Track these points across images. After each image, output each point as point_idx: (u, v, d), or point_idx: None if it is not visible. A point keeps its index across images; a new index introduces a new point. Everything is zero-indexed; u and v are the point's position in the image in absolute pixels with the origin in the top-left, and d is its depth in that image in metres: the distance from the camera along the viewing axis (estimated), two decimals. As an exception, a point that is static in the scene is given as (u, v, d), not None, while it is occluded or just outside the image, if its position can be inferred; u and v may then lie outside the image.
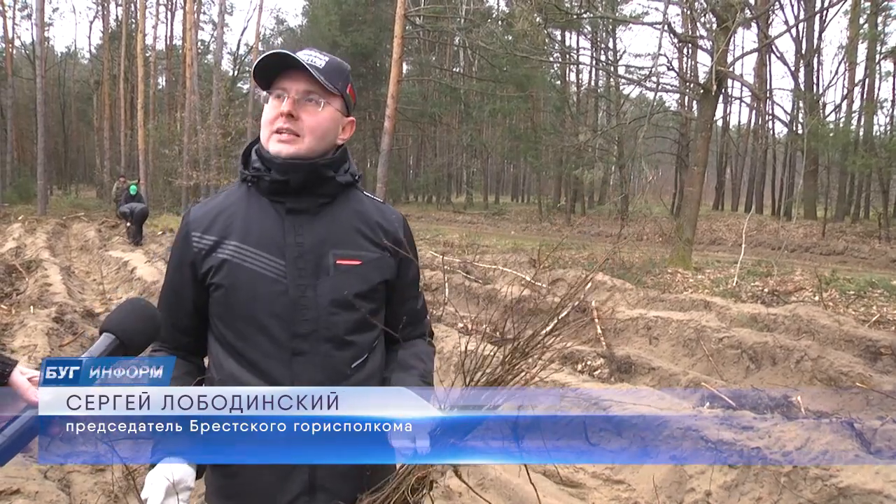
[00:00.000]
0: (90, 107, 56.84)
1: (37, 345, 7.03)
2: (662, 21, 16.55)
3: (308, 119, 1.81)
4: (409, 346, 2.03)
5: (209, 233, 1.86)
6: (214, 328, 1.89)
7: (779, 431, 4.60)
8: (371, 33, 41.93)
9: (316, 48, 1.90)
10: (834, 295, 11.72)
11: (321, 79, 1.78)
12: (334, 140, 1.90)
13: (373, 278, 1.89)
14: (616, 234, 28.54)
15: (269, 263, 1.81)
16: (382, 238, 1.93)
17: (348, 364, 1.86)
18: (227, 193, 1.96)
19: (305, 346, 1.81)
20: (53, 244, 19.28)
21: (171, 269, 1.96)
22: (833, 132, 25.54)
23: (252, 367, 1.81)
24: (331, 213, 1.89)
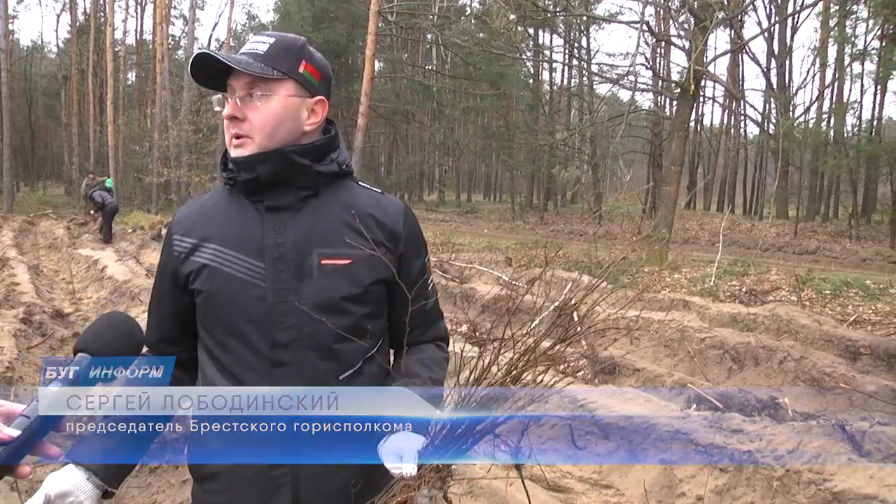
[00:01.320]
0: (58, 102, 55.93)
1: (3, 347, 6.81)
2: (640, 20, 16.54)
3: (252, 116, 1.65)
4: (416, 351, 1.85)
5: (189, 235, 1.74)
6: (200, 335, 1.76)
7: (770, 434, 4.54)
8: (343, 30, 41.63)
9: (266, 32, 1.75)
10: (810, 294, 11.77)
11: (253, 69, 1.62)
12: (297, 128, 1.71)
13: (364, 279, 1.71)
14: (588, 233, 28.61)
15: (247, 266, 1.67)
16: (377, 232, 1.74)
17: (335, 375, 1.68)
18: (211, 194, 1.83)
19: (287, 357, 1.65)
20: (20, 242, 18.90)
21: (157, 273, 1.84)
22: (806, 133, 25.75)
23: (232, 377, 1.67)
24: (315, 207, 1.72)
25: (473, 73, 35.03)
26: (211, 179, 33.88)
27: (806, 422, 4.82)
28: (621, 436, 5.09)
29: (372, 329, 1.75)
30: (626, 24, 21.63)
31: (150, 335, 1.82)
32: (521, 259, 16.99)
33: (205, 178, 33.65)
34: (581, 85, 45.37)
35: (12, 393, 5.02)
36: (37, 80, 62.17)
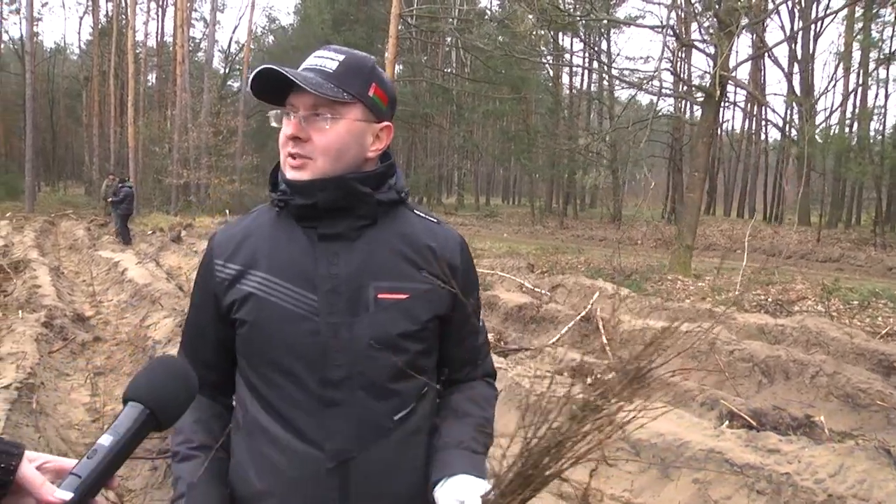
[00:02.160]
0: (79, 103, 56.39)
1: (25, 352, 6.74)
2: (665, 24, 16.36)
3: (317, 138, 1.53)
4: (465, 388, 1.75)
5: (233, 261, 1.61)
6: (241, 367, 1.64)
7: (808, 456, 4.40)
8: (363, 32, 41.62)
9: (334, 47, 1.62)
10: (838, 305, 11.57)
11: (324, 90, 1.50)
12: (361, 154, 1.59)
13: (421, 315, 1.59)
14: (609, 238, 28.46)
15: (298, 298, 1.54)
16: (434, 265, 1.62)
17: (390, 416, 1.57)
18: (255, 216, 1.69)
19: (339, 396, 1.53)
20: (42, 243, 18.96)
21: (194, 299, 1.72)
22: (829, 139, 25.46)
23: (280, 417, 1.55)
24: (371, 237, 1.60)
25: (494, 76, 34.93)
26: (230, 182, 33.98)
27: (846, 443, 4.67)
28: (653, 453, 4.95)
29: (425, 366, 1.64)
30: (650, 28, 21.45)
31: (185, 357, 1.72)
32: (542, 265, 16.86)
33: (224, 180, 33.75)
34: (601, 89, 45.21)
35: (34, 400, 4.95)
36: (59, 81, 62.71)
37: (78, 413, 6.08)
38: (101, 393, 6.51)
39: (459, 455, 1.58)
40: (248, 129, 42.60)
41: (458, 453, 1.58)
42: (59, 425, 5.62)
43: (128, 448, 1.10)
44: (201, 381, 1.60)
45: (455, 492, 1.47)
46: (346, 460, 1.52)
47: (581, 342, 8.73)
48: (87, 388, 6.75)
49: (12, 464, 1.02)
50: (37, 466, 1.08)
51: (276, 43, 54.03)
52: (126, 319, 9.74)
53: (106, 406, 6.15)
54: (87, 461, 1.06)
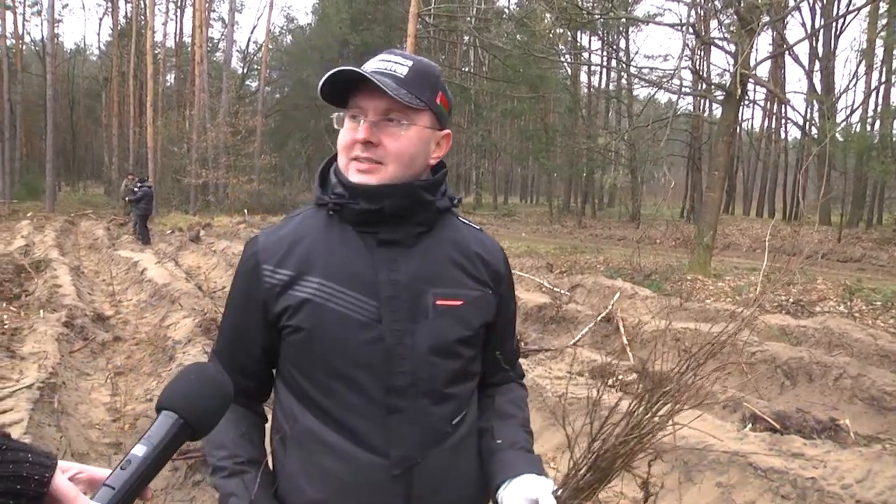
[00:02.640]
0: (99, 104, 56.82)
1: (47, 351, 6.77)
2: (685, 22, 16.25)
3: (390, 144, 1.52)
4: (504, 391, 1.80)
5: (284, 266, 1.56)
6: (287, 375, 1.61)
7: (834, 460, 4.33)
8: (381, 32, 41.64)
9: (398, 52, 1.60)
10: (860, 306, 11.43)
11: (401, 95, 1.48)
12: (426, 161, 1.60)
13: (475, 321, 1.62)
14: (628, 237, 28.33)
15: (359, 304, 1.52)
16: (483, 272, 1.66)
17: (448, 421, 1.59)
18: (301, 219, 1.65)
19: (402, 403, 1.52)
20: (62, 242, 19.09)
21: (234, 306, 1.66)
22: (851, 137, 25.19)
23: (338, 425, 1.53)
24: (427, 244, 1.60)
25: (512, 75, 34.86)
26: (248, 181, 34.09)
27: (872, 447, 4.60)
28: (675, 456, 4.90)
29: (474, 371, 1.69)
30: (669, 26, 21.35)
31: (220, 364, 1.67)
32: (561, 265, 16.79)
33: (242, 179, 33.88)
34: (620, 88, 45.00)
35: (56, 400, 4.97)
36: (79, 82, 63.23)
37: (99, 413, 6.11)
38: (122, 393, 6.53)
39: (518, 456, 1.63)
40: (267, 128, 42.78)
41: (517, 454, 1.63)
42: (81, 425, 5.64)
43: (161, 458, 1.07)
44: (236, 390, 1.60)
45: (523, 491, 1.51)
46: (410, 467, 1.52)
47: (601, 343, 8.67)
48: (108, 387, 6.78)
49: (46, 476, 1.00)
50: (70, 477, 1.06)
51: (294, 43, 54.11)
52: (145, 319, 9.78)
53: (126, 406, 6.17)
54: (120, 472, 1.03)
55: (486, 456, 1.66)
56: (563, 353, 7.83)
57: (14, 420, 4.77)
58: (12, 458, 0.98)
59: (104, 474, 1.07)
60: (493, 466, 1.63)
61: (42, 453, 1.02)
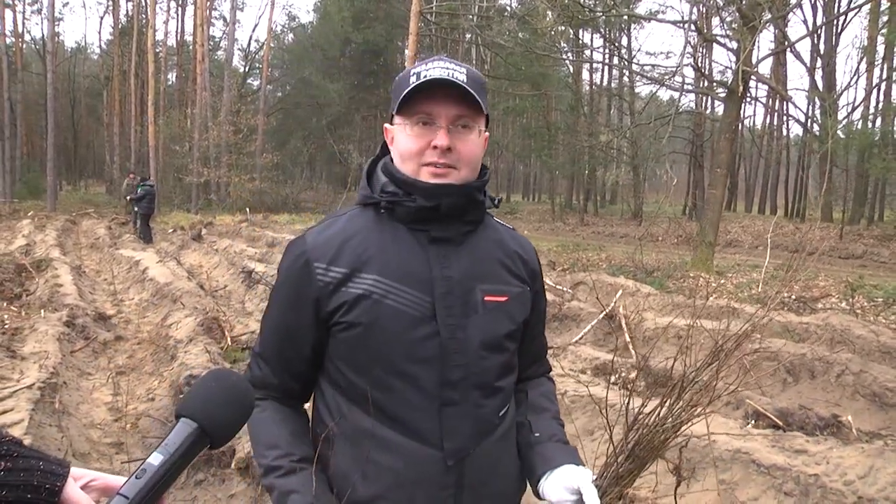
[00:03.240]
0: (100, 102, 56.86)
1: (48, 351, 6.77)
2: (687, 20, 16.22)
3: (463, 149, 1.57)
4: (535, 385, 1.88)
5: (337, 264, 1.58)
6: (334, 373, 1.63)
7: (837, 457, 4.32)
8: (383, 30, 41.65)
9: (445, 57, 1.61)
10: (862, 302, 11.42)
11: (478, 99, 1.54)
12: (480, 163, 1.67)
13: (518, 316, 1.68)
14: (630, 235, 28.33)
15: (414, 300, 1.55)
16: (522, 270, 1.73)
17: (497, 413, 1.64)
18: (349, 218, 1.67)
19: (456, 396, 1.57)
20: (63, 241, 19.08)
21: (283, 306, 1.67)
22: (854, 134, 25.15)
23: (391, 420, 1.56)
24: (474, 242, 1.66)
25: (514, 73, 34.83)
26: (250, 180, 34.10)
27: (874, 444, 4.59)
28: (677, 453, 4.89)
29: (515, 365, 1.75)
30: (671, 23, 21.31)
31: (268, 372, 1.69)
32: (564, 262, 16.78)
33: (244, 178, 33.89)
34: (622, 85, 44.97)
35: (57, 399, 4.96)
36: (80, 80, 63.25)
37: (100, 412, 6.10)
38: (123, 392, 6.52)
39: (557, 447, 1.70)
40: (269, 127, 42.78)
41: (555, 446, 1.70)
42: (82, 425, 5.63)
43: (178, 467, 1.04)
44: (284, 391, 1.67)
45: (565, 481, 1.59)
46: (462, 458, 1.56)
47: (604, 340, 8.66)
48: (109, 387, 6.77)
49: (57, 485, 0.99)
50: (83, 485, 1.06)
51: (295, 41, 54.12)
52: (147, 318, 9.78)
53: (128, 405, 6.17)
54: (135, 481, 1.00)
55: (525, 449, 1.72)
56: (566, 351, 7.82)
57: (15, 420, 4.77)
58: (24, 465, 0.96)
59: (119, 482, 1.04)
60: (533, 459, 1.69)
61: (54, 461, 1.00)
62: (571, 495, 1.57)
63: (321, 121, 42.44)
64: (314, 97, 43.08)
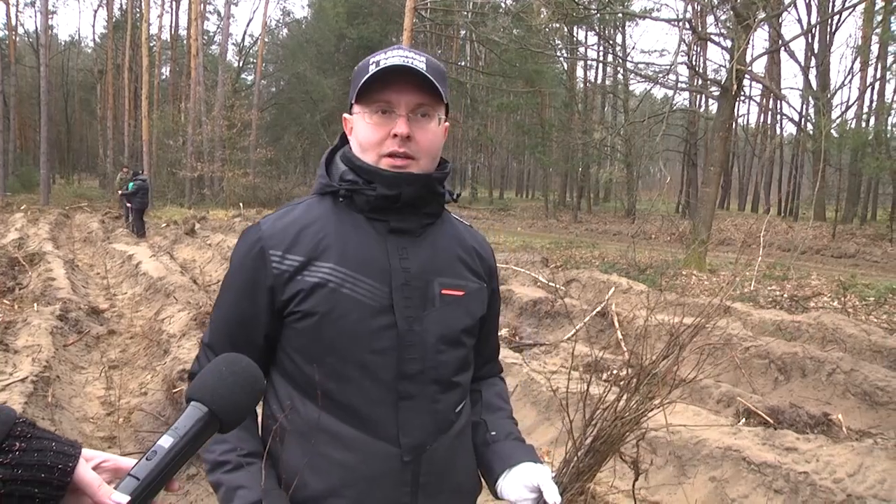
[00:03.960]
0: (93, 96, 56.62)
1: (41, 345, 6.77)
2: (682, 18, 16.24)
3: (423, 138, 1.53)
4: (489, 384, 1.85)
5: (294, 252, 1.53)
6: (287, 364, 1.58)
7: (827, 455, 4.35)
8: (377, 25, 41.62)
9: (402, 46, 1.58)
10: (854, 301, 11.47)
11: (438, 86, 1.51)
12: (440, 153, 1.63)
13: (475, 312, 1.66)
14: (623, 232, 28.37)
15: (372, 290, 1.52)
16: (479, 267, 1.70)
17: (453, 408, 1.61)
18: (307, 206, 1.62)
19: (413, 389, 1.53)
20: (56, 235, 19.04)
21: (237, 295, 1.61)
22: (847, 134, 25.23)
23: (346, 413, 1.52)
24: (433, 235, 1.63)
25: (508, 70, 34.85)
26: (244, 175, 34.03)
27: (864, 442, 4.62)
28: (669, 450, 4.92)
29: (471, 361, 1.71)
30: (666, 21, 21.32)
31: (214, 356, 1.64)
32: (556, 259, 16.80)
33: (238, 173, 33.83)
34: (616, 83, 45.01)
35: (50, 393, 4.95)
36: (73, 74, 63.01)
37: (93, 406, 6.10)
38: (116, 386, 6.52)
39: (514, 446, 1.68)
40: (262, 122, 42.68)
41: (513, 444, 1.68)
42: (75, 419, 5.64)
43: (188, 450, 1.05)
44: None
45: (524, 479, 1.57)
46: (419, 454, 1.53)
47: (596, 337, 8.69)
48: (102, 381, 6.77)
49: (69, 465, 0.99)
50: (94, 466, 1.06)
51: (290, 36, 53.98)
52: (140, 313, 9.76)
53: (121, 399, 6.16)
54: (145, 462, 1.02)
55: (482, 448, 1.69)
56: (558, 348, 7.84)
57: (8, 413, 4.76)
58: (37, 446, 0.97)
59: (130, 464, 1.05)
60: (490, 457, 1.66)
61: (66, 442, 1.01)
62: (531, 493, 1.55)
63: (315, 116, 42.35)
64: (308, 92, 43.01)
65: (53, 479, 0.98)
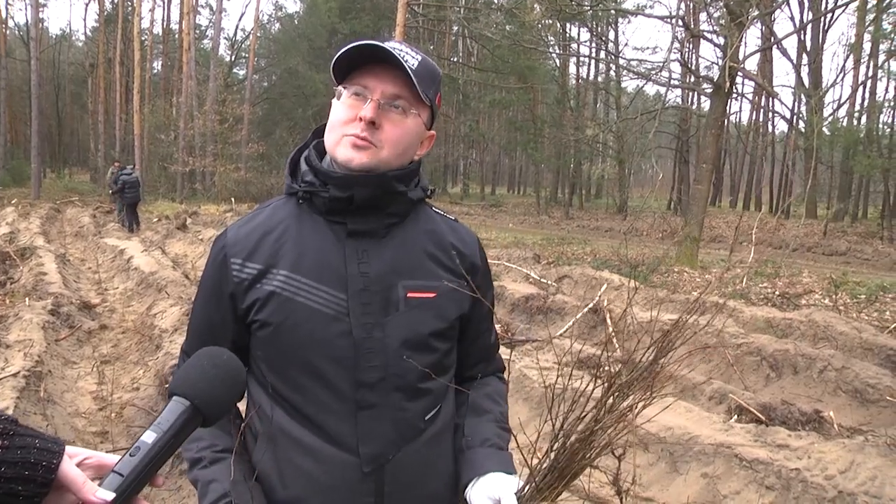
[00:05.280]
0: (85, 90, 56.27)
1: (32, 339, 6.74)
2: (674, 15, 16.26)
3: (391, 129, 1.47)
4: (480, 385, 1.74)
5: (253, 260, 1.51)
6: (256, 371, 1.56)
7: (818, 451, 4.37)
8: (369, 21, 41.53)
9: (405, 44, 1.52)
10: (845, 299, 11.51)
11: (416, 82, 1.44)
12: (412, 155, 1.57)
13: (450, 313, 1.57)
14: (615, 229, 28.42)
15: (327, 297, 1.47)
16: (458, 264, 1.61)
17: (422, 416, 1.54)
18: (272, 210, 1.60)
19: (373, 398, 1.48)
20: (47, 230, 18.99)
21: (203, 301, 1.61)
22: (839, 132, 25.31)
23: (307, 421, 1.49)
24: (399, 235, 1.56)
25: (501, 66, 34.86)
26: (236, 169, 33.97)
27: (855, 439, 4.64)
28: (661, 447, 4.93)
29: (449, 365, 1.63)
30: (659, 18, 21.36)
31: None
32: (548, 256, 16.83)
33: (229, 167, 33.76)
34: (608, 79, 45.06)
35: (41, 388, 4.94)
36: (64, 68, 62.67)
37: (85, 401, 6.09)
38: (108, 381, 6.51)
39: (487, 454, 1.58)
40: (254, 117, 42.58)
41: (486, 452, 1.59)
42: (67, 413, 5.62)
43: (172, 445, 1.06)
44: None
45: (489, 490, 1.49)
46: (381, 464, 1.49)
47: (588, 334, 8.70)
48: (94, 376, 6.76)
49: (54, 462, 1.00)
50: (78, 463, 1.06)
51: (282, 31, 53.83)
52: (132, 307, 9.74)
53: (113, 394, 6.15)
54: (129, 458, 1.03)
55: (457, 453, 1.63)
56: (550, 344, 7.85)
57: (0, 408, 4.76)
58: (20, 443, 0.98)
59: (113, 460, 1.06)
60: (462, 464, 1.60)
61: (50, 439, 1.02)
62: None
63: (307, 111, 42.28)
64: (300, 87, 42.94)
65: (37, 476, 0.98)
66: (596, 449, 1.46)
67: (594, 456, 1.47)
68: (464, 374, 1.72)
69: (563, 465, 1.45)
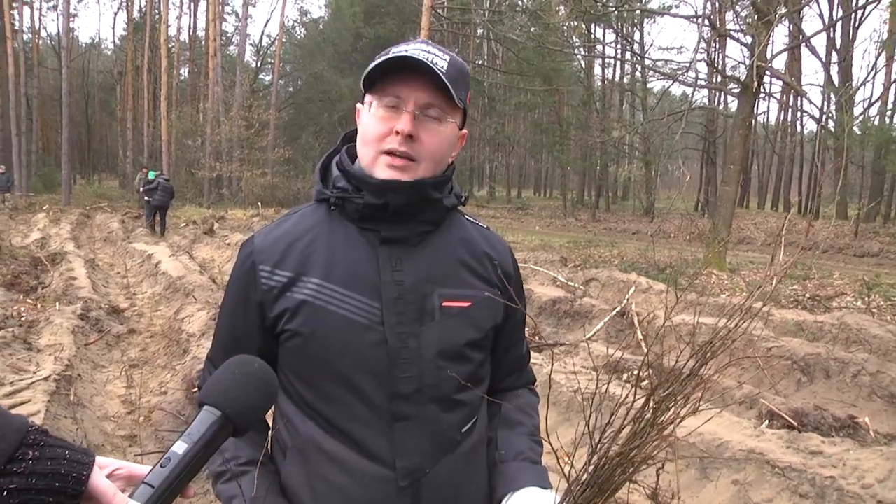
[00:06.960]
0: (113, 97, 57.13)
1: (63, 343, 6.81)
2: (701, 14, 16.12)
3: (428, 140, 1.42)
4: (512, 397, 1.69)
5: (282, 267, 1.46)
6: (286, 382, 1.51)
7: (854, 459, 4.28)
8: (394, 25, 41.65)
9: (431, 43, 1.46)
10: (878, 301, 11.32)
11: (450, 88, 1.38)
12: (448, 160, 1.52)
13: (485, 323, 1.52)
14: (642, 231, 28.23)
15: (361, 306, 1.42)
16: (492, 273, 1.56)
17: (458, 429, 1.49)
18: (300, 216, 1.54)
19: (409, 410, 1.43)
20: (77, 235, 19.20)
21: (230, 310, 1.56)
22: (870, 131, 24.94)
23: (341, 434, 1.44)
24: (433, 243, 1.51)
25: (526, 68, 34.79)
26: (262, 174, 34.18)
27: (893, 446, 4.54)
28: (691, 452, 4.86)
29: (485, 376, 1.59)
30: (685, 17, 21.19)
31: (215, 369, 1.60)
32: (575, 258, 16.74)
33: (256, 172, 33.98)
34: (634, 80, 44.81)
35: (72, 392, 4.97)
36: (94, 76, 63.52)
37: (114, 405, 6.13)
38: (136, 385, 6.54)
39: (522, 468, 1.55)
40: (280, 122, 42.79)
41: (520, 466, 1.55)
42: (96, 417, 5.66)
43: (203, 455, 1.04)
44: None
45: None
46: (418, 478, 1.44)
47: (616, 337, 8.63)
48: (123, 380, 6.80)
49: (84, 473, 0.97)
50: (108, 474, 1.04)
51: (307, 36, 54.09)
52: (160, 312, 9.80)
53: (141, 398, 6.18)
54: (160, 469, 1.00)
55: (491, 467, 1.59)
56: (578, 348, 7.79)
57: (31, 412, 4.80)
58: (50, 454, 0.96)
59: (144, 471, 1.04)
60: (496, 478, 1.56)
61: (80, 450, 1.00)
62: None
63: (333, 116, 42.41)
64: (326, 92, 43.07)
65: (68, 488, 0.96)
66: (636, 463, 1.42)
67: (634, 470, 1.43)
68: (496, 385, 1.67)
69: (603, 479, 1.40)
